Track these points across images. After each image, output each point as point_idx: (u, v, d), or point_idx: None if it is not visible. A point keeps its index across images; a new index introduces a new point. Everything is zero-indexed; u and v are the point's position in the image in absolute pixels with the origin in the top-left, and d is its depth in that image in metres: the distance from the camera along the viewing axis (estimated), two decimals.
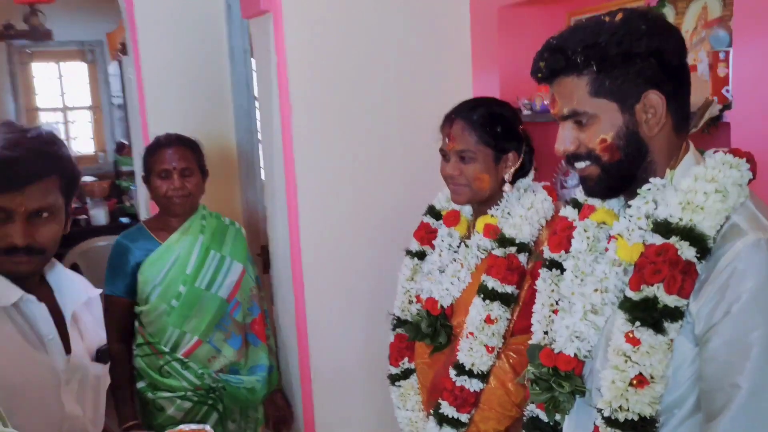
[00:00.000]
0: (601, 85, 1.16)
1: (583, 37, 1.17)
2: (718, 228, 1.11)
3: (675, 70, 1.16)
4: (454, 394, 1.72)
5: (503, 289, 1.68)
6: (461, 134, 1.74)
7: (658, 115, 1.16)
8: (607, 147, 1.18)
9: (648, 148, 1.18)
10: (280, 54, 2.30)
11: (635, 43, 1.13)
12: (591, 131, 1.19)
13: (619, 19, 1.16)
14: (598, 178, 1.22)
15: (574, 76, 1.17)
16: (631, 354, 1.14)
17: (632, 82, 1.15)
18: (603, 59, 1.14)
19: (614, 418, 1.16)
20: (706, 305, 1.09)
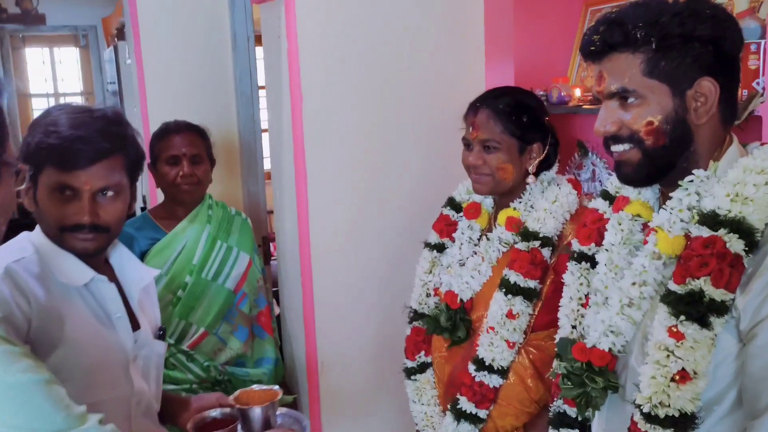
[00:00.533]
0: (656, 66, 1.13)
1: (645, 13, 1.13)
2: (767, 221, 1.08)
3: (731, 60, 1.14)
4: (473, 389, 1.69)
5: (526, 284, 1.65)
6: (486, 123, 1.70)
7: (708, 104, 1.13)
8: (653, 130, 1.15)
9: (693, 137, 1.15)
10: (292, 41, 2.24)
11: (698, 26, 1.10)
12: (638, 112, 1.15)
13: (683, 1, 1.13)
14: (638, 164, 1.18)
15: (629, 53, 1.14)
16: (674, 349, 1.11)
17: (688, 67, 1.12)
18: (663, 38, 1.11)
19: (654, 414, 1.13)
20: (753, 300, 1.06)
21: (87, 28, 6.70)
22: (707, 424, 1.14)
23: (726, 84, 1.13)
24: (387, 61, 2.37)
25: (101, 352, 1.35)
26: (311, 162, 2.30)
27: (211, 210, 2.32)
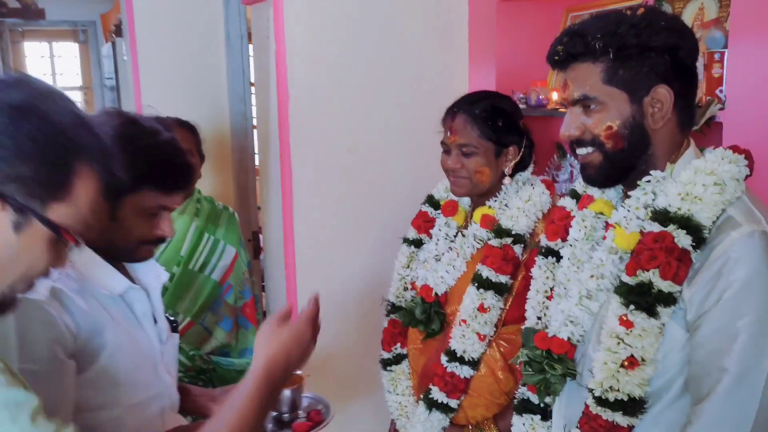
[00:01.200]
0: (614, 74, 1.20)
1: (604, 25, 1.21)
2: (715, 219, 1.16)
3: (687, 69, 1.20)
4: (444, 379, 1.76)
5: (497, 279, 1.71)
6: (463, 128, 1.76)
7: (664, 110, 1.20)
8: (612, 134, 1.22)
9: (651, 141, 1.22)
10: (280, 42, 2.31)
11: (653, 37, 1.17)
12: (598, 118, 1.23)
13: (640, 13, 1.20)
14: (600, 166, 1.26)
15: (590, 63, 1.21)
16: (624, 336, 1.19)
17: (645, 75, 1.19)
18: (620, 48, 1.18)
19: (605, 398, 1.21)
20: (698, 292, 1.14)
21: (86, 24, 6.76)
22: (656, 409, 1.22)
23: (682, 91, 1.20)
24: (373, 63, 2.43)
25: (137, 353, 1.40)
26: (296, 160, 2.37)
27: (199, 204, 2.38)
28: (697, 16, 1.93)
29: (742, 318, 1.09)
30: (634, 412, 1.20)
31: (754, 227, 1.12)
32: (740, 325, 1.09)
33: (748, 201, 1.17)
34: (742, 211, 1.15)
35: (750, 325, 1.09)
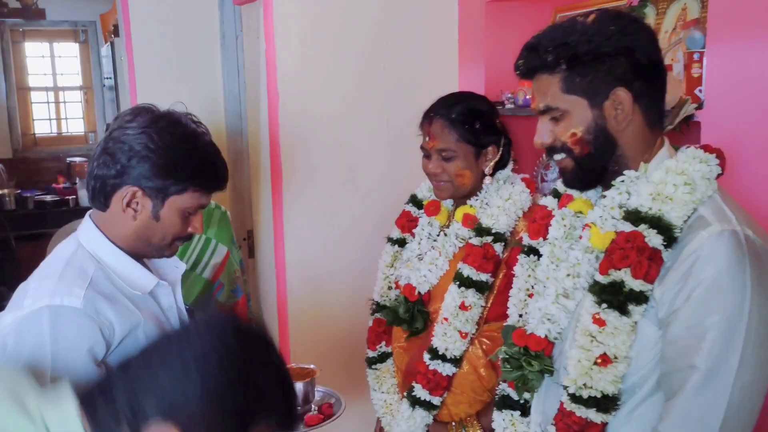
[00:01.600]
0: (572, 83, 1.22)
1: (556, 36, 1.23)
2: (686, 218, 1.17)
3: (645, 68, 1.20)
4: (427, 377, 1.77)
5: (478, 277, 1.73)
6: (441, 133, 1.77)
7: (625, 112, 1.21)
8: (577, 141, 1.24)
9: (617, 143, 1.24)
10: (269, 41, 2.33)
11: (604, 43, 1.18)
12: (563, 125, 1.25)
13: (591, 20, 1.21)
14: (573, 170, 1.28)
15: (548, 74, 1.24)
16: (597, 334, 1.21)
17: (601, 80, 1.20)
18: (573, 58, 1.20)
19: (578, 394, 1.23)
20: (669, 291, 1.15)
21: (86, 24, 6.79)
22: (630, 405, 1.23)
23: (642, 91, 1.21)
24: (363, 63, 2.45)
25: None
26: (286, 159, 2.39)
27: None
28: (680, 16, 1.95)
29: (711, 316, 1.10)
30: (607, 409, 1.21)
31: (724, 226, 1.13)
32: (709, 323, 1.10)
33: (720, 200, 1.18)
34: (713, 210, 1.16)
35: (719, 323, 1.10)
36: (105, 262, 1.37)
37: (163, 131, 1.35)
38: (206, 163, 1.39)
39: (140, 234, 1.39)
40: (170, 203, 1.37)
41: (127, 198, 1.35)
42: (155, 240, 1.40)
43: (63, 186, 5.94)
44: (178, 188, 1.36)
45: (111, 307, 1.31)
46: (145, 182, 1.34)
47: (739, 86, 1.55)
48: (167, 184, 1.35)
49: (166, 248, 1.44)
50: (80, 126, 7.32)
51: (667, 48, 1.96)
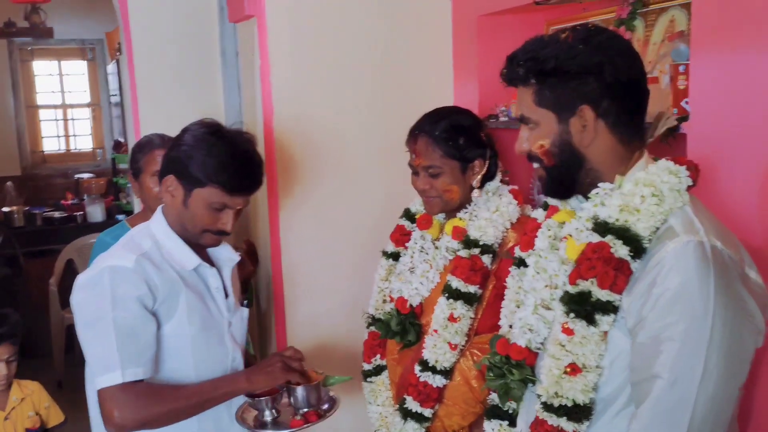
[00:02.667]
0: (542, 96, 1.24)
1: (530, 50, 1.25)
2: (654, 230, 1.18)
3: (614, 87, 1.21)
4: (418, 389, 1.78)
5: (466, 289, 1.74)
6: (426, 150, 1.79)
7: (588, 129, 1.22)
8: (544, 152, 1.27)
9: (584, 157, 1.25)
10: (264, 58, 2.36)
11: (569, 62, 1.20)
12: (534, 136, 1.28)
13: (564, 36, 1.23)
14: (546, 180, 1.31)
15: (523, 86, 1.27)
16: (566, 343, 1.22)
17: (569, 96, 1.22)
18: (539, 73, 1.22)
19: (550, 403, 1.24)
20: (636, 301, 1.16)
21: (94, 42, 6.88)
22: (608, 416, 1.24)
23: (613, 109, 1.22)
24: (357, 79, 2.48)
25: (205, 320, 1.67)
26: (282, 173, 2.41)
27: None
28: (668, 28, 1.96)
29: (675, 325, 1.11)
30: (579, 419, 1.22)
31: (691, 237, 1.13)
32: (673, 332, 1.11)
33: (691, 211, 1.19)
34: (682, 221, 1.17)
35: (682, 333, 1.11)
36: (159, 240, 1.66)
37: (204, 135, 1.63)
38: (228, 165, 1.60)
39: (180, 219, 1.66)
40: (195, 194, 1.62)
41: (168, 183, 1.65)
42: (189, 226, 1.65)
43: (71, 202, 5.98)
44: (201, 182, 1.60)
45: (157, 272, 1.59)
46: (181, 173, 1.62)
47: (724, 98, 1.56)
48: (193, 177, 1.60)
49: (199, 236, 1.67)
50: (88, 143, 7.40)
51: (655, 60, 1.97)
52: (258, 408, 1.74)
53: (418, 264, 1.89)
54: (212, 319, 1.69)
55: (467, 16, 2.53)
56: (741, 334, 1.14)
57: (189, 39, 3.19)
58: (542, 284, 1.34)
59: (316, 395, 1.74)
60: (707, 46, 1.59)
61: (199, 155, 1.60)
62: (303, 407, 1.73)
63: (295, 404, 1.73)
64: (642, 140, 1.30)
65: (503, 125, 2.40)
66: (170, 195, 1.65)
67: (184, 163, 1.61)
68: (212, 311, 1.70)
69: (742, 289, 1.15)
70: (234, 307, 1.78)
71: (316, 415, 1.74)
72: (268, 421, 1.72)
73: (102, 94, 7.07)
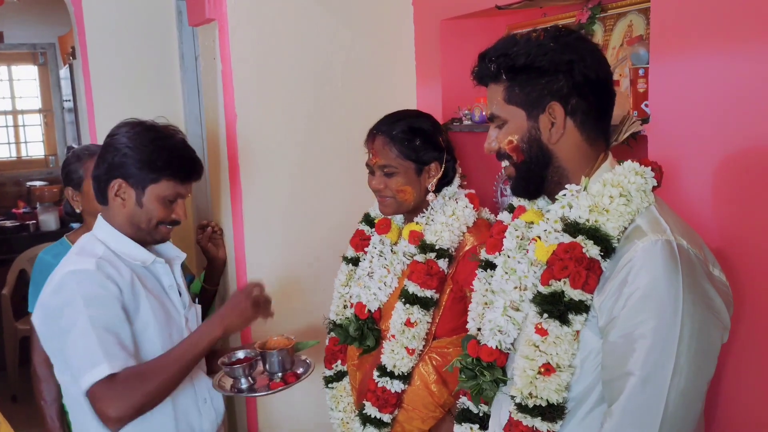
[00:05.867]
0: (512, 93, 1.26)
1: (501, 48, 1.26)
2: (622, 229, 1.20)
3: (582, 86, 1.23)
4: (376, 394, 1.78)
5: (423, 294, 1.74)
6: (382, 149, 1.80)
7: (557, 126, 1.24)
8: (513, 148, 1.29)
9: (552, 154, 1.27)
10: (225, 62, 2.33)
11: (540, 58, 1.22)
12: (503, 133, 1.30)
13: (536, 35, 1.25)
14: (515, 177, 1.33)
15: (494, 84, 1.29)
16: (540, 344, 1.23)
17: (538, 93, 1.24)
18: (510, 69, 1.24)
19: (524, 404, 1.24)
20: (607, 300, 1.18)
21: (45, 46, 6.69)
22: (579, 415, 1.25)
23: (580, 108, 1.24)
24: (320, 81, 2.46)
25: (166, 316, 1.71)
26: (246, 179, 2.39)
27: None
28: (627, 32, 2.00)
29: (645, 323, 1.13)
30: (553, 418, 1.23)
31: (658, 236, 1.16)
32: (644, 330, 1.13)
33: (656, 211, 1.21)
34: (649, 220, 1.19)
35: (653, 330, 1.12)
36: (110, 245, 1.68)
37: (139, 134, 1.67)
38: (176, 157, 1.67)
39: (131, 220, 1.68)
40: (149, 192, 1.66)
41: (115, 188, 1.66)
42: (143, 225, 1.68)
43: (23, 211, 5.81)
44: (153, 178, 1.65)
45: (117, 274, 1.62)
46: (126, 174, 1.64)
47: (683, 100, 1.59)
48: (144, 176, 1.64)
49: (154, 232, 1.71)
50: (40, 149, 7.20)
51: (614, 64, 2.01)
52: (233, 375, 1.78)
53: (377, 269, 1.88)
54: (171, 316, 1.73)
55: (430, 20, 2.54)
56: (709, 331, 1.16)
57: (146, 43, 3.14)
58: (511, 286, 1.34)
59: (290, 359, 1.81)
60: (666, 49, 1.62)
61: (144, 154, 1.63)
62: (278, 371, 1.79)
63: (271, 369, 1.80)
64: (607, 142, 1.32)
65: (467, 128, 2.41)
66: (120, 199, 1.67)
67: (129, 164, 1.64)
68: (169, 309, 1.73)
69: (709, 286, 1.18)
70: (189, 304, 1.81)
71: (294, 376, 1.80)
72: (244, 388, 1.78)
73: (54, 99, 6.88)
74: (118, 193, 1.66)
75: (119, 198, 1.67)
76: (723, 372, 1.54)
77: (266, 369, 1.81)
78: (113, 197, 1.67)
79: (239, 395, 1.80)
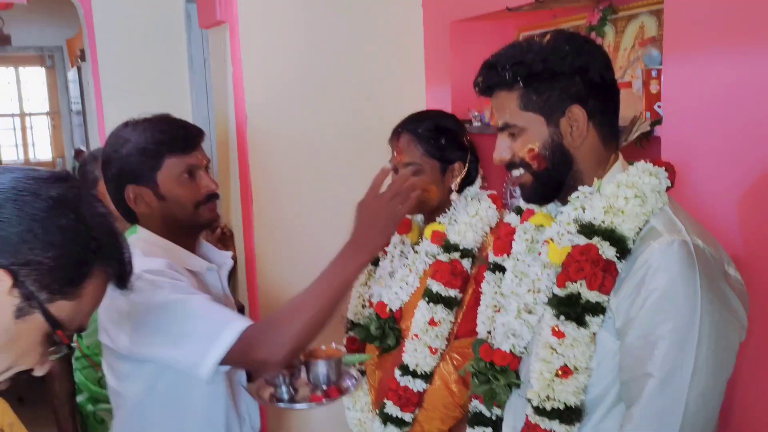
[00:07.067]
0: (529, 100, 1.25)
1: (513, 54, 1.25)
2: (638, 230, 1.20)
3: (598, 87, 1.24)
4: (398, 394, 1.78)
5: (447, 293, 1.74)
6: (408, 147, 1.80)
7: (580, 129, 1.24)
8: (535, 156, 1.27)
9: (573, 158, 1.27)
10: (236, 64, 2.34)
11: (559, 62, 1.22)
12: (521, 141, 1.28)
13: (547, 40, 1.25)
14: (531, 185, 1.31)
15: (506, 91, 1.26)
16: (557, 346, 1.22)
17: (557, 98, 1.23)
18: (529, 75, 1.23)
19: (542, 407, 1.24)
20: (624, 301, 1.18)
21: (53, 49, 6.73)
22: (596, 417, 1.25)
23: (597, 109, 1.24)
24: (330, 83, 2.47)
25: None
26: (256, 181, 2.39)
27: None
28: (638, 34, 2.00)
29: (664, 324, 1.13)
30: (571, 421, 1.23)
31: (674, 237, 1.16)
32: (662, 331, 1.13)
33: (671, 212, 1.22)
34: (664, 221, 1.19)
35: (672, 331, 1.13)
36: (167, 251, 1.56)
37: (118, 136, 1.57)
38: (160, 131, 1.55)
39: (167, 219, 1.57)
40: (161, 179, 1.54)
41: (131, 196, 1.56)
42: (180, 215, 1.57)
43: None
44: (154, 165, 1.53)
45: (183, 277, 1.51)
46: (131, 176, 1.54)
47: (696, 101, 1.59)
48: (146, 166, 1.53)
49: (197, 216, 1.59)
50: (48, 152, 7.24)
51: (626, 65, 2.01)
52: (274, 384, 1.66)
53: (398, 268, 1.88)
54: None
55: (439, 22, 2.54)
56: (727, 330, 1.16)
57: (155, 45, 3.16)
58: (524, 288, 1.34)
59: (336, 372, 1.67)
60: (679, 50, 1.62)
61: (132, 146, 1.53)
62: (322, 383, 1.65)
63: (315, 380, 1.66)
64: (617, 142, 1.33)
65: (476, 130, 2.41)
66: (143, 202, 1.57)
67: (130, 165, 1.54)
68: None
69: (725, 285, 1.18)
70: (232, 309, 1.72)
71: (338, 390, 1.66)
72: (284, 398, 1.65)
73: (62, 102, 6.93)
74: (136, 200, 1.57)
75: (142, 203, 1.57)
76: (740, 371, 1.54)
77: (310, 379, 1.67)
78: (135, 206, 1.58)
79: (278, 406, 1.67)
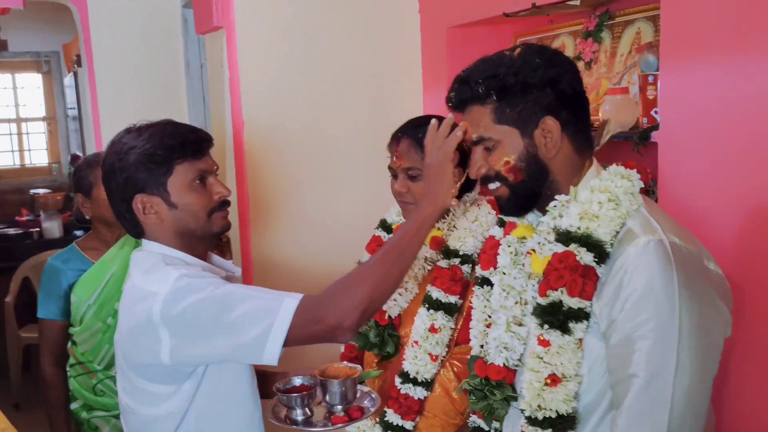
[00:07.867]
0: (502, 113, 1.25)
1: (485, 68, 1.26)
2: (614, 233, 1.21)
3: (570, 98, 1.25)
4: (399, 401, 1.77)
5: (447, 300, 1.74)
6: (407, 152, 1.79)
7: (554, 139, 1.25)
8: (510, 168, 1.27)
9: (549, 169, 1.27)
10: (233, 70, 2.34)
11: (531, 75, 1.22)
12: (497, 154, 1.28)
13: (517, 54, 1.26)
14: (508, 198, 1.31)
15: (479, 105, 1.27)
16: (544, 355, 1.23)
17: (530, 110, 1.24)
18: (502, 89, 1.23)
19: (534, 417, 1.24)
20: (606, 305, 1.19)
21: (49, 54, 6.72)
22: (592, 423, 1.25)
23: (569, 119, 1.25)
24: (327, 89, 2.47)
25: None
26: (253, 186, 2.39)
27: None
28: (635, 39, 2.00)
29: (645, 324, 1.14)
30: (564, 429, 1.23)
31: (650, 237, 1.16)
32: (644, 331, 1.14)
33: (646, 212, 1.22)
34: (640, 222, 1.20)
35: (653, 330, 1.13)
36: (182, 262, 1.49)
37: (120, 139, 1.50)
38: (169, 135, 1.48)
39: (178, 229, 1.50)
40: (172, 186, 1.47)
41: (140, 206, 1.48)
42: (193, 224, 1.50)
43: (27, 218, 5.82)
44: (165, 171, 1.46)
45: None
46: (140, 185, 1.47)
47: (693, 106, 1.60)
48: (156, 174, 1.46)
49: (211, 225, 1.52)
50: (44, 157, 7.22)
51: (623, 71, 2.01)
52: (288, 405, 1.61)
53: None
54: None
55: (436, 28, 2.54)
56: (709, 326, 1.17)
57: (151, 50, 3.16)
58: (512, 301, 1.35)
59: (353, 391, 1.62)
60: (676, 56, 1.63)
61: (139, 153, 1.46)
62: (339, 404, 1.61)
63: (331, 400, 1.61)
64: (591, 149, 1.33)
65: None
66: (152, 214, 1.49)
67: (138, 173, 1.46)
68: None
69: (705, 281, 1.19)
70: None
71: (360, 411, 1.61)
72: (299, 420, 1.60)
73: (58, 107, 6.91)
74: (146, 210, 1.49)
75: (151, 214, 1.49)
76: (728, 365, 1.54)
77: (325, 400, 1.62)
78: (145, 217, 1.49)
79: (294, 428, 1.60)
